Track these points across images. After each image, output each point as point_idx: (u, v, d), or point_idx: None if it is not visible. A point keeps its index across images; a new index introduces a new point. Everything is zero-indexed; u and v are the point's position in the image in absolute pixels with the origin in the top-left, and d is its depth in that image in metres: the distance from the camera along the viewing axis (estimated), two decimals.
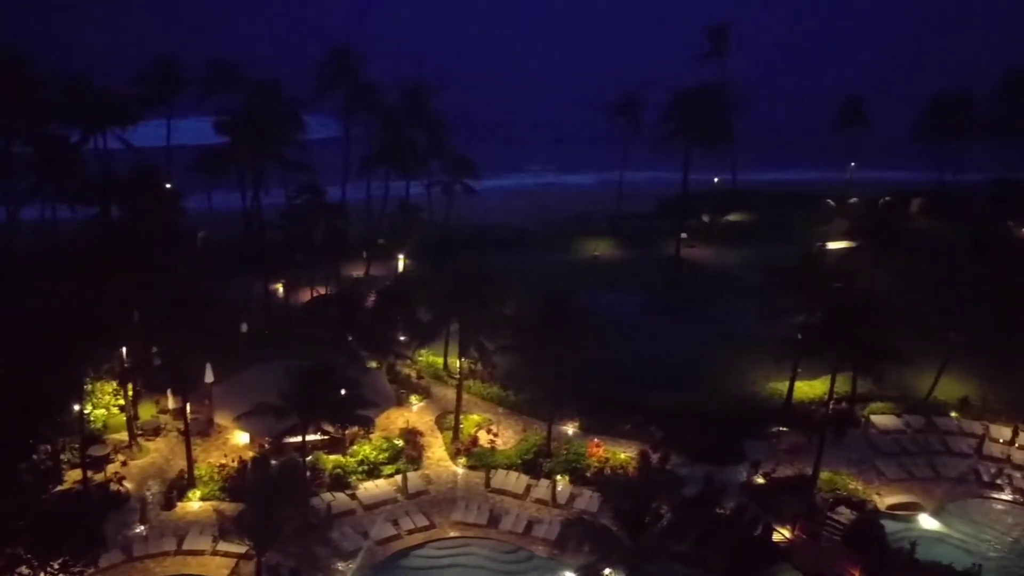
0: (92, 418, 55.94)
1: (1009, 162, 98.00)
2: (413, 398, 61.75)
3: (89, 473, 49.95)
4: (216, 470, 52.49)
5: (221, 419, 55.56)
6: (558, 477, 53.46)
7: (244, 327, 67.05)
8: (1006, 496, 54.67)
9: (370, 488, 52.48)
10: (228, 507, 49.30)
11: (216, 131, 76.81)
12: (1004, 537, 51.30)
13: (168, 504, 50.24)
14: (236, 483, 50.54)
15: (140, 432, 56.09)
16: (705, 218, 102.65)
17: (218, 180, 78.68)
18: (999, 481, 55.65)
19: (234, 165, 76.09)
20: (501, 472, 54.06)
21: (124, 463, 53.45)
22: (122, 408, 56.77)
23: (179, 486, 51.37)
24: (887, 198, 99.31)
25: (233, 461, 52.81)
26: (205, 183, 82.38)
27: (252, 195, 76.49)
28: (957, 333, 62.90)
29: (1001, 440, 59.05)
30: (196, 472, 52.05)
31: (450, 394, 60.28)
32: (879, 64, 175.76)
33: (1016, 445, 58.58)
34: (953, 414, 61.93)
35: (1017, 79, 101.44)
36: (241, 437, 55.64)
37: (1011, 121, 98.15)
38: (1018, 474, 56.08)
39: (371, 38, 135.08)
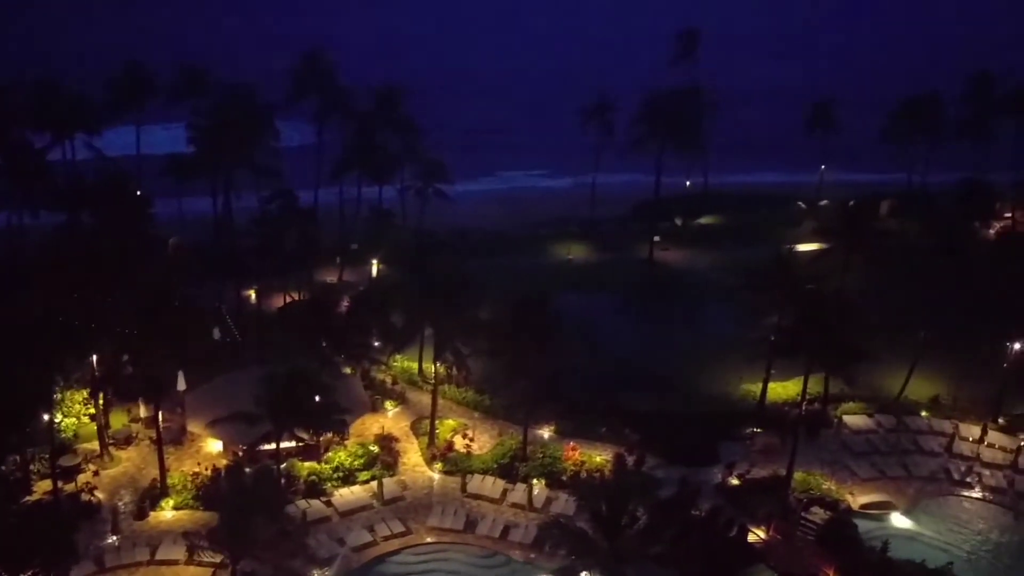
0: (62, 428, 55.32)
1: (975, 164, 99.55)
2: (388, 404, 61.52)
3: (60, 483, 49.26)
4: (189, 479, 52.02)
5: (194, 427, 55.08)
6: (534, 481, 53.48)
7: (216, 334, 66.51)
8: (976, 494, 55.43)
9: (345, 495, 52.23)
10: (202, 516, 48.98)
11: (188, 135, 76.14)
12: (975, 534, 52.05)
13: (141, 514, 49.71)
14: (210, 492, 50.05)
15: (111, 441, 55.46)
16: (678, 221, 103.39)
17: (189, 185, 77.98)
18: (969, 479, 56.42)
19: (205, 170, 75.47)
20: (477, 477, 54.00)
21: (95, 473, 52.79)
22: (93, 417, 56.08)
23: (152, 495, 50.85)
24: (857, 200, 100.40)
25: (206, 469, 52.31)
26: (176, 189, 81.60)
27: (224, 201, 75.91)
28: (926, 333, 63.73)
29: (970, 438, 59.83)
30: (169, 481, 51.58)
31: (425, 399, 60.14)
32: (850, 67, 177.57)
33: (985, 443, 59.40)
34: (923, 413, 62.68)
35: (982, 83, 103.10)
36: (214, 445, 55.17)
37: (976, 124, 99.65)
38: (987, 472, 56.88)
39: (345, 43, 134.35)
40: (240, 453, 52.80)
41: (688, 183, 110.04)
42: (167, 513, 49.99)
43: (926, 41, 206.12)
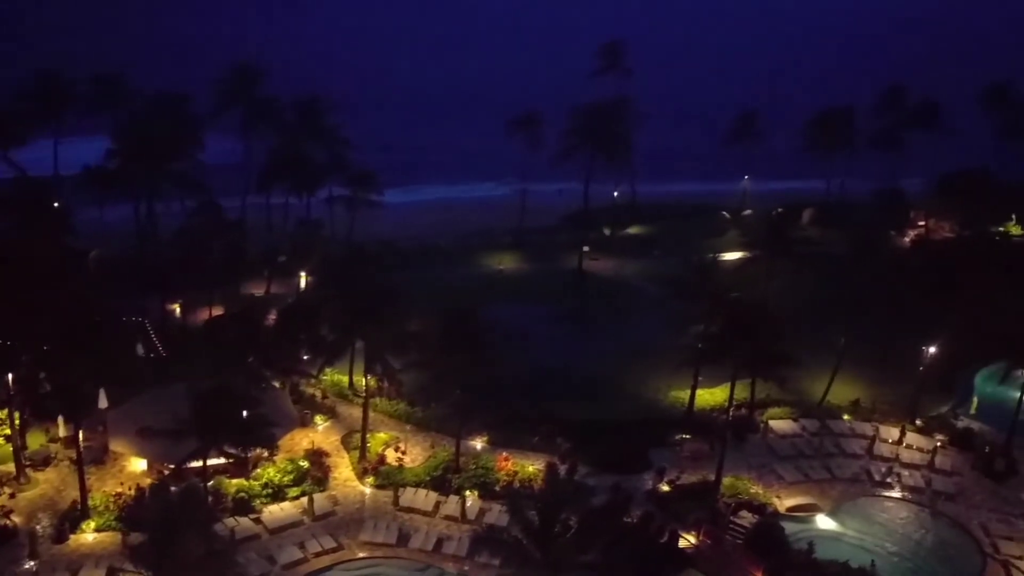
0: None
1: (890, 174, 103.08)
2: (318, 418, 60.74)
3: None
4: (112, 499, 50.52)
5: (117, 446, 53.60)
6: (467, 492, 53.39)
7: (140, 349, 64.87)
8: (895, 494, 57.17)
9: (275, 511, 51.37)
10: (126, 537, 47.60)
11: (110, 143, 74.19)
12: (895, 533, 53.67)
13: (60, 537, 48.06)
14: (133, 512, 48.71)
15: (28, 462, 53.45)
16: (606, 231, 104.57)
17: (108, 197, 75.95)
18: (889, 480, 58.18)
19: (125, 182, 73.63)
20: (409, 490, 53.66)
21: (11, 495, 50.87)
22: (8, 438, 53.98)
23: (72, 517, 49.22)
24: (780, 209, 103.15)
25: (130, 489, 50.93)
26: (96, 200, 79.38)
27: (147, 213, 74.20)
28: (846, 338, 65.62)
29: (890, 440, 61.72)
30: (90, 502, 49.99)
31: (356, 413, 59.57)
32: (773, 79, 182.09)
33: (903, 444, 61.34)
34: (845, 417, 64.44)
35: (894, 96, 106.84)
36: (138, 464, 53.75)
37: (888, 135, 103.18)
38: (906, 472, 58.74)
39: (275, 56, 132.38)
40: (166, 471, 51.53)
41: (616, 193, 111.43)
42: (88, 536, 48.44)
43: (849, 53, 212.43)
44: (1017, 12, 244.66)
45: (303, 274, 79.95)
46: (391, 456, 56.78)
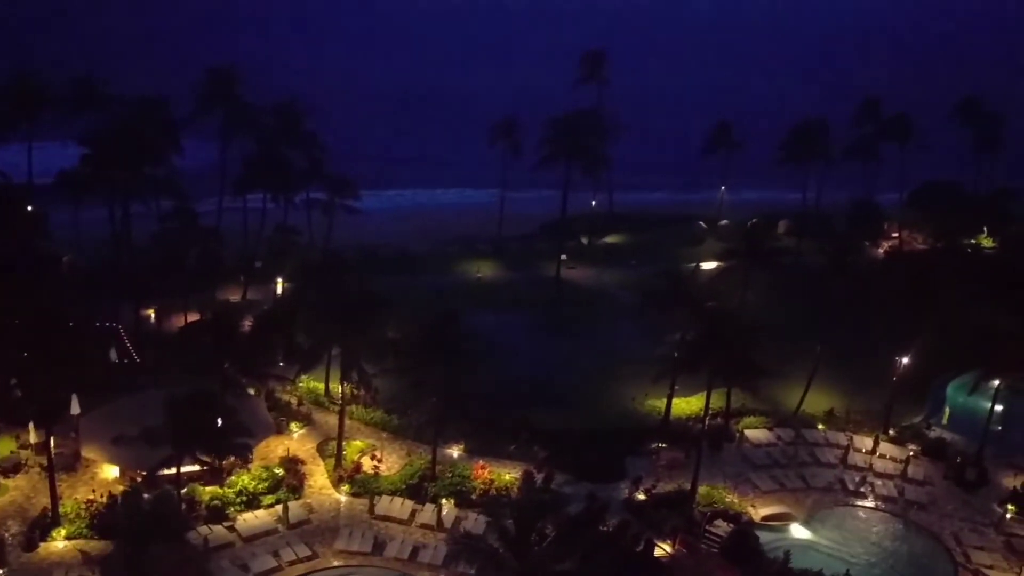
0: None
1: (865, 186, 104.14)
2: (294, 425, 60.36)
3: None
4: (83, 506, 49.82)
5: (89, 452, 52.97)
6: (443, 501, 53.24)
7: (113, 355, 64.23)
8: (869, 503, 57.66)
9: (249, 519, 50.95)
10: (97, 545, 47.07)
11: (80, 148, 73.25)
12: (868, 542, 54.08)
13: (30, 545, 47.33)
14: (106, 519, 48.15)
15: None
16: (584, 240, 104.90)
17: (82, 201, 75.05)
18: (863, 489, 58.66)
19: (100, 185, 72.79)
20: (385, 498, 53.42)
21: None
22: None
23: (42, 525, 48.48)
24: (755, 219, 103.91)
25: (102, 496, 50.27)
26: (70, 204, 78.48)
27: (122, 217, 73.46)
28: (821, 348, 66.15)
29: (863, 450, 62.27)
30: (61, 509, 49.27)
31: (332, 420, 59.27)
32: (752, 92, 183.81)
33: (877, 454, 61.89)
34: (820, 426, 64.94)
35: (870, 107, 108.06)
36: (111, 471, 53.14)
37: (864, 147, 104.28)
38: (879, 482, 59.28)
39: (252, 60, 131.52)
40: (139, 478, 50.98)
41: (594, 202, 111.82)
42: (59, 543, 47.75)
43: (827, 67, 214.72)
44: (993, 27, 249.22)
45: (279, 280, 79.60)
46: (367, 464, 56.51)
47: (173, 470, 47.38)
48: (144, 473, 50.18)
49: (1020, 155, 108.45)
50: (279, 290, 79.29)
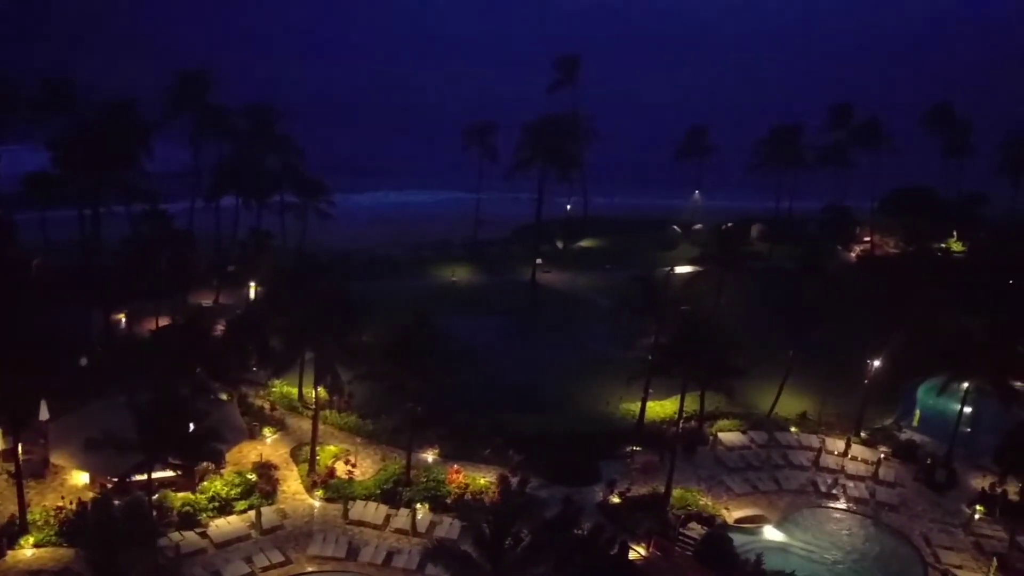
0: None
1: (837, 191, 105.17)
2: (267, 430, 59.94)
3: None
4: (52, 514, 49.19)
5: (58, 459, 52.25)
6: (418, 506, 53.02)
7: (84, 360, 63.50)
8: (841, 505, 58.09)
9: (222, 525, 50.49)
10: (66, 553, 46.47)
11: (46, 152, 72.38)
12: (840, 543, 54.45)
13: None
14: (75, 527, 47.51)
15: None
16: (559, 244, 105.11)
17: (52, 205, 74.18)
18: (835, 491, 59.09)
19: (68, 189, 72.00)
20: (359, 503, 53.15)
21: None
22: None
23: (10, 533, 47.76)
24: (729, 223, 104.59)
25: (71, 503, 49.67)
26: (39, 207, 77.56)
27: (92, 221, 72.66)
28: (794, 351, 66.66)
29: (835, 452, 62.74)
30: (29, 517, 48.59)
31: (305, 425, 58.92)
32: (726, 98, 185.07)
33: (849, 456, 62.40)
34: (793, 429, 65.36)
35: (842, 112, 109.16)
36: (81, 477, 52.49)
37: (835, 152, 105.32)
38: (851, 484, 59.75)
39: (227, 65, 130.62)
40: (109, 485, 50.40)
41: (568, 206, 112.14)
42: (27, 551, 47.06)
43: (801, 73, 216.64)
44: (966, 32, 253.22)
45: (252, 284, 79.09)
46: (341, 469, 56.22)
47: (144, 476, 46.87)
48: (114, 479, 49.68)
49: (991, 161, 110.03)
50: (252, 294, 78.78)
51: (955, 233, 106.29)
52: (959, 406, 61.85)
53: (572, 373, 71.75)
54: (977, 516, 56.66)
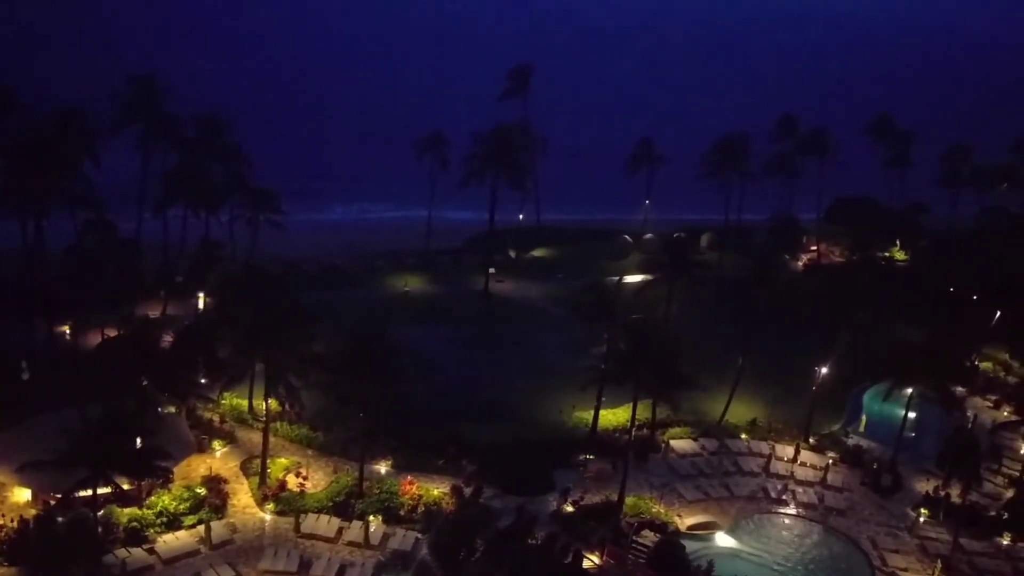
0: None
1: (784, 201, 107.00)
2: (216, 443, 59.04)
3: None
4: None
5: None
6: (371, 518, 52.61)
7: (25, 374, 61.98)
8: (791, 510, 58.98)
9: (170, 541, 49.61)
10: (7, 572, 45.21)
11: None
12: (790, 549, 55.33)
13: None
14: (16, 545, 46.29)
15: None
16: (512, 253, 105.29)
17: None
18: (784, 497, 60.01)
19: (9, 197, 70.15)
20: (311, 516, 52.59)
21: None
22: None
23: None
24: (679, 233, 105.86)
25: (12, 521, 48.36)
26: None
27: (34, 231, 70.91)
28: (743, 359, 67.55)
29: (785, 458, 63.70)
30: None
31: (256, 438, 58.18)
32: (678, 107, 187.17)
33: (798, 462, 63.37)
34: (743, 436, 66.19)
35: (788, 123, 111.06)
36: (23, 494, 51.17)
37: (782, 162, 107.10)
38: (800, 489, 60.70)
39: (177, 71, 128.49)
40: (52, 501, 49.20)
41: (521, 216, 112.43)
42: None
43: (746, 86, 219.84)
44: (913, 44, 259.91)
45: (201, 295, 77.93)
46: (292, 482, 55.58)
47: (88, 492, 45.85)
48: (58, 496, 48.51)
49: (933, 171, 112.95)
50: (201, 305, 77.62)
51: (898, 242, 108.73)
52: (903, 412, 63.25)
53: (525, 382, 71.85)
54: (922, 519, 58.02)
